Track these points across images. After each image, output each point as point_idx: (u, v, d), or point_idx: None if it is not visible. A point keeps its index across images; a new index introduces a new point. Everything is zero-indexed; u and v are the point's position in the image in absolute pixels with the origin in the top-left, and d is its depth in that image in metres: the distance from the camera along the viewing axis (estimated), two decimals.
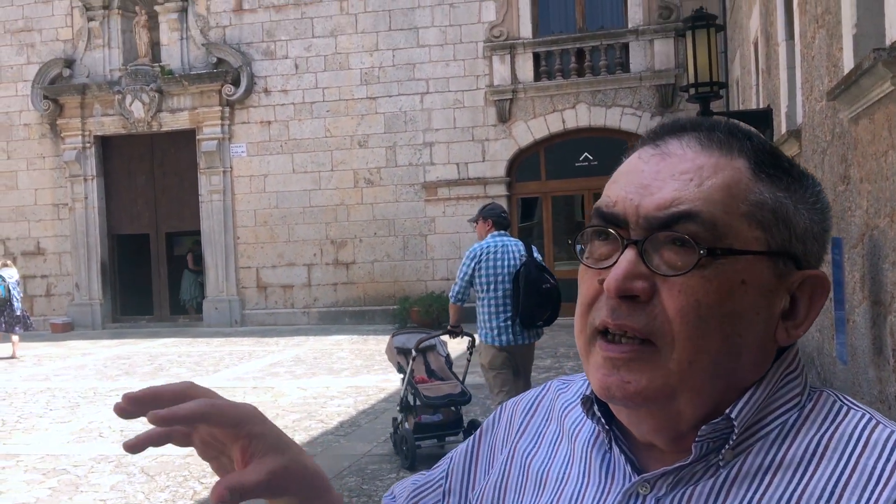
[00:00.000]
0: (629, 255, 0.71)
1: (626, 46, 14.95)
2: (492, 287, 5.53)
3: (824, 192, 0.77)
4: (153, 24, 16.68)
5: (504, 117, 15.33)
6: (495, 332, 5.53)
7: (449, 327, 5.92)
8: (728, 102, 13.30)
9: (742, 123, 0.82)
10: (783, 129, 6.74)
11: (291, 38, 16.15)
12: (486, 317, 5.57)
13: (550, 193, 15.77)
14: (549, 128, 15.27)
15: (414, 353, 6.19)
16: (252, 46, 16.33)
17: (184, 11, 16.48)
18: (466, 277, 5.57)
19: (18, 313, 13.31)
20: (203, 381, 10.11)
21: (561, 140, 15.50)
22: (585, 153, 15.39)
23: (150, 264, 17.59)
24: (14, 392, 9.91)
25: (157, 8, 16.55)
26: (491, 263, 5.55)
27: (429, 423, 6.09)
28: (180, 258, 18.16)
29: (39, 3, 17.25)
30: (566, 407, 0.86)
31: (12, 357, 13.16)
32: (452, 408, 6.17)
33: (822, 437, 0.71)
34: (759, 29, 8.59)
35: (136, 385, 10.00)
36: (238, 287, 16.55)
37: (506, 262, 5.56)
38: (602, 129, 15.15)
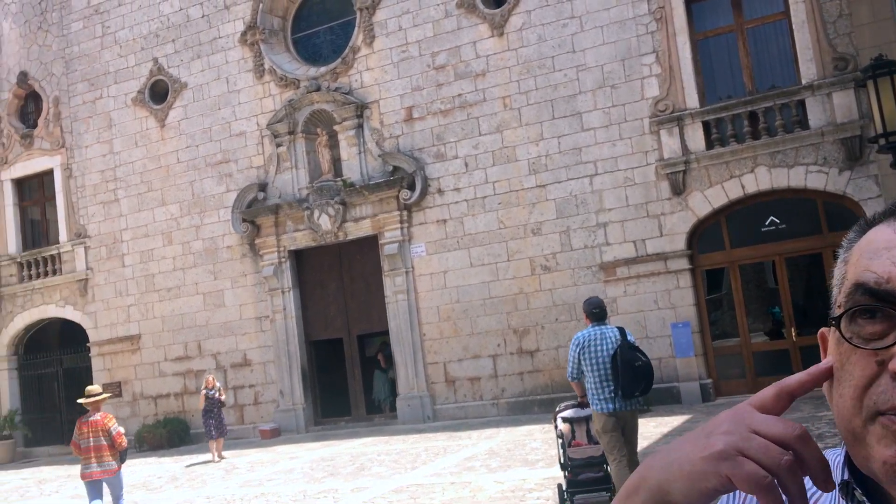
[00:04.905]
0: None
1: (801, 103, 14.32)
2: (595, 367, 6.91)
3: None
4: (333, 143, 17.97)
5: (678, 190, 15.00)
6: (603, 401, 6.89)
7: (579, 401, 7.38)
8: None
9: None
10: None
11: (459, 138, 16.82)
12: (594, 391, 6.93)
13: (738, 262, 15.08)
14: (727, 195, 14.75)
15: (554, 420, 7.60)
16: (423, 151, 17.14)
17: (360, 127, 17.66)
18: (574, 360, 7.04)
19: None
20: (403, 479, 10.30)
21: (742, 206, 14.90)
22: (771, 217, 14.67)
23: (345, 367, 18.40)
24: (232, 499, 10.54)
25: (335, 127, 17.85)
26: (593, 349, 6.92)
27: (583, 480, 7.28)
28: (372, 359, 18.87)
29: (234, 137, 19.10)
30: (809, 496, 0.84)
31: (212, 461, 14.51)
32: (605, 465, 7.22)
33: None
34: None
35: (342, 486, 10.34)
36: (427, 383, 16.90)
37: (604, 347, 6.92)
38: (786, 191, 14.44)
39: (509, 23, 16.43)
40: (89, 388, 9.56)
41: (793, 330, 14.46)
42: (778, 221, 14.61)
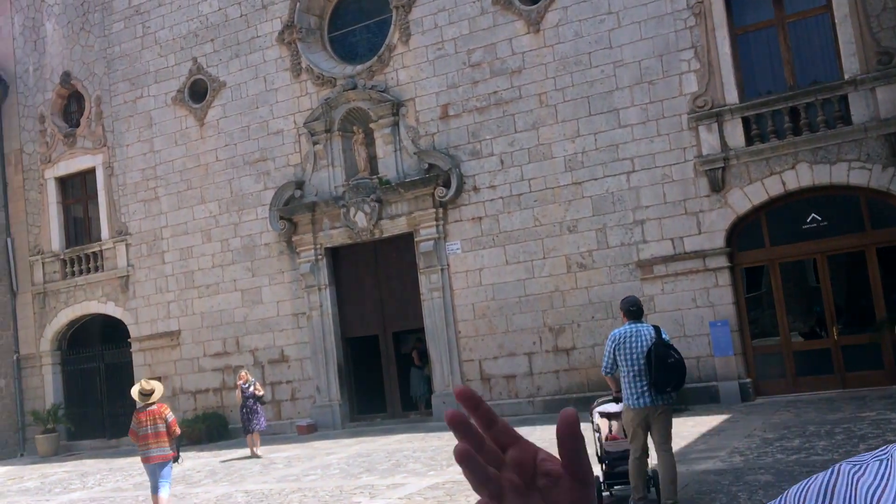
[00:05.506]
0: None
1: (844, 98, 14.04)
2: (628, 363, 7.18)
3: None
4: (369, 141, 18.06)
5: (717, 186, 14.81)
6: (634, 396, 7.16)
7: (614, 396, 7.65)
8: None
9: None
10: None
11: (495, 135, 16.78)
12: (627, 385, 7.20)
13: (778, 260, 14.84)
14: (767, 192, 14.53)
15: (591, 415, 7.86)
16: (459, 148, 17.14)
17: (395, 125, 17.71)
18: (609, 356, 7.31)
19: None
20: (438, 476, 10.32)
21: (783, 203, 14.67)
22: (813, 214, 14.42)
23: (381, 364, 18.48)
24: (270, 493, 10.65)
25: (371, 125, 17.93)
26: (628, 345, 7.20)
27: (620, 472, 7.54)
28: (407, 356, 18.93)
29: (271, 135, 19.28)
30: (872, 492, 0.79)
31: (253, 456, 14.60)
32: None
33: None
34: None
35: (378, 482, 10.39)
36: (463, 380, 16.90)
37: (638, 344, 7.19)
38: (828, 187, 14.18)
39: (545, 19, 16.35)
40: (145, 385, 9.64)
41: (834, 329, 14.21)
42: (819, 219, 14.35)
